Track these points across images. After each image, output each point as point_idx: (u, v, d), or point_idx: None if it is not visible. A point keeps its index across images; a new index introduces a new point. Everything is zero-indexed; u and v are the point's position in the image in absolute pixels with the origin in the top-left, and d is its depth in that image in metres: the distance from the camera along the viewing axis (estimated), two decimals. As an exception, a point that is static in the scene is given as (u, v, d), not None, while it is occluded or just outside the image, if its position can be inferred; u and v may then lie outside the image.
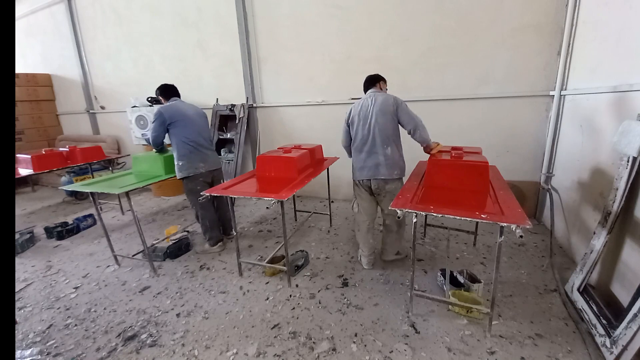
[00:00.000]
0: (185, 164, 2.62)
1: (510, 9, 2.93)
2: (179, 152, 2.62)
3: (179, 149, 2.61)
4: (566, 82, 2.79)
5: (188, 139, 2.61)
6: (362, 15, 3.51)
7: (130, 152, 4.96)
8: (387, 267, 2.51)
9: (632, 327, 1.40)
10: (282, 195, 2.00)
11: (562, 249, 2.66)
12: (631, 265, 1.72)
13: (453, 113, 3.38)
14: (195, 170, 2.64)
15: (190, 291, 2.31)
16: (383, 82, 2.47)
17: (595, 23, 2.40)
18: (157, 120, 2.56)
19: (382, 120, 2.21)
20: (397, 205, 1.69)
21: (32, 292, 2.39)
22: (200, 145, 2.68)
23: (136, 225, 2.45)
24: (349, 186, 4.11)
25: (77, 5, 5.27)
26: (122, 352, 1.76)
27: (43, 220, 3.89)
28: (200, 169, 2.67)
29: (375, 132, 2.23)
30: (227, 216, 3.01)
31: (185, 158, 2.61)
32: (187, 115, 2.64)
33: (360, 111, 2.31)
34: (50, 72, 6.09)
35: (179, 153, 2.62)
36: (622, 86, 1.95)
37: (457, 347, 1.69)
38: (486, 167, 1.96)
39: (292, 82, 4.07)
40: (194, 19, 4.40)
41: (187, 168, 2.62)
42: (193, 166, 2.64)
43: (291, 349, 1.73)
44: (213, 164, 2.79)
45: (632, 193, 1.71)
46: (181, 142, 2.60)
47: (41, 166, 3.46)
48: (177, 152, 2.63)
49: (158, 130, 2.60)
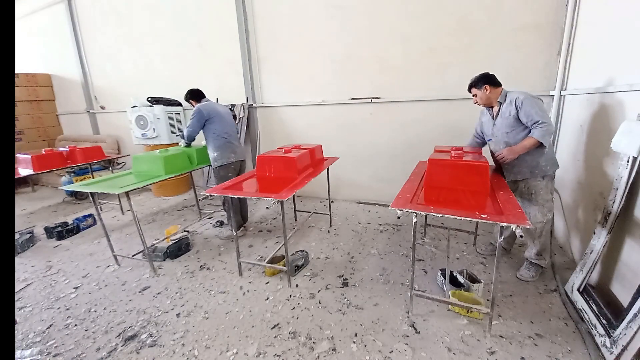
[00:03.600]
0: (220, 154, 2.96)
1: (510, 9, 2.93)
2: (215, 144, 2.96)
3: (214, 142, 2.96)
4: (566, 82, 2.79)
5: (222, 133, 2.97)
6: (362, 15, 3.51)
7: (130, 152, 4.96)
8: (387, 267, 2.51)
9: (632, 327, 1.40)
10: (282, 195, 2.00)
11: (562, 249, 2.66)
12: (631, 265, 1.72)
13: (453, 113, 3.38)
14: (228, 160, 2.98)
15: (190, 291, 2.31)
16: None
17: (595, 23, 2.40)
18: (196, 116, 2.88)
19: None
20: (398, 205, 1.69)
21: (32, 292, 2.39)
22: (232, 138, 3.05)
23: (136, 225, 2.45)
24: (349, 186, 4.14)
25: (77, 5, 5.27)
26: (122, 352, 1.76)
27: (43, 220, 3.89)
28: (232, 159, 3.01)
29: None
30: (246, 206, 3.38)
31: (220, 149, 2.96)
32: (220, 113, 2.99)
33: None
34: (50, 72, 6.09)
35: (215, 145, 2.96)
36: (622, 86, 1.95)
37: (457, 347, 1.69)
38: (486, 167, 1.96)
39: (292, 82, 4.07)
40: (194, 19, 4.40)
41: (221, 158, 2.96)
42: (226, 156, 2.98)
43: (291, 349, 1.73)
44: (241, 155, 3.14)
45: (632, 193, 1.71)
46: (217, 136, 2.94)
47: (41, 166, 3.46)
48: (213, 144, 2.97)
49: (195, 125, 2.92)
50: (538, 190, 2.15)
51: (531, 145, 2.01)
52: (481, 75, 2.22)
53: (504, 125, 2.16)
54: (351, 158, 3.92)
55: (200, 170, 4.42)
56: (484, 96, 2.21)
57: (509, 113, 2.11)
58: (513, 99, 2.08)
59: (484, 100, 2.23)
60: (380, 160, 3.87)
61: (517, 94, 2.08)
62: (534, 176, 2.14)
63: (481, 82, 2.20)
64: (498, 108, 2.22)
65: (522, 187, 2.24)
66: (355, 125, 3.89)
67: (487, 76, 2.20)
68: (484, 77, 2.20)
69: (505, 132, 2.17)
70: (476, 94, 2.24)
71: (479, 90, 2.21)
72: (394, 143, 3.74)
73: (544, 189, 2.15)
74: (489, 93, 2.19)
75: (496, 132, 2.25)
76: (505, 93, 2.18)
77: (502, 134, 2.19)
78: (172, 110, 4.58)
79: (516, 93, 2.09)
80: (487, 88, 2.18)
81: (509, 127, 2.13)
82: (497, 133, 2.23)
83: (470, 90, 2.29)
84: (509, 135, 2.15)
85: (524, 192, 2.22)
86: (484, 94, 2.20)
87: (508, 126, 2.14)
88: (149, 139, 4.52)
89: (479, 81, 2.20)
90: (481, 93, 2.21)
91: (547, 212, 2.16)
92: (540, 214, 2.15)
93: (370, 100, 3.71)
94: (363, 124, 3.83)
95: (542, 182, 2.14)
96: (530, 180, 2.16)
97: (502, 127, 2.18)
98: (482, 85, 2.19)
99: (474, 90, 2.26)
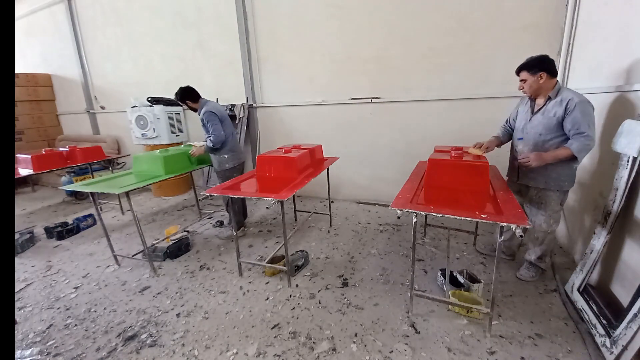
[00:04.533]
0: (231, 156, 2.97)
1: (510, 9, 2.94)
2: (226, 146, 2.94)
3: (225, 144, 2.92)
4: (566, 82, 2.79)
5: (231, 135, 2.97)
6: (362, 15, 3.51)
7: (130, 152, 4.96)
8: (387, 267, 2.51)
9: (632, 327, 1.40)
10: (282, 195, 2.00)
11: (562, 249, 2.66)
12: (631, 265, 1.72)
13: (453, 113, 3.38)
14: (238, 161, 3.04)
15: (190, 291, 2.31)
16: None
17: (595, 23, 2.40)
18: (214, 119, 2.81)
19: None
20: (397, 205, 1.69)
21: (32, 292, 2.39)
22: (236, 139, 3.10)
23: (136, 225, 2.45)
24: (349, 186, 4.14)
25: (77, 5, 5.27)
26: (122, 352, 1.76)
27: (43, 220, 3.89)
28: (241, 159, 3.10)
29: None
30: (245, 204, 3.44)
31: (231, 151, 2.97)
32: (225, 114, 2.96)
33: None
34: (50, 72, 6.09)
35: (226, 148, 2.94)
36: (622, 86, 1.95)
37: (457, 347, 1.69)
38: (486, 167, 1.96)
39: (292, 82, 4.07)
40: (194, 19, 4.40)
41: (232, 159, 2.98)
42: (237, 157, 3.03)
43: (291, 349, 1.73)
44: (244, 156, 3.21)
45: (632, 193, 1.71)
46: (227, 138, 2.92)
47: (41, 166, 3.46)
48: (224, 146, 2.93)
49: (219, 127, 2.83)
50: (549, 201, 2.00)
51: (564, 156, 1.76)
52: (540, 57, 1.84)
53: (541, 125, 1.89)
54: (351, 158, 3.92)
55: (200, 170, 4.43)
56: (535, 85, 1.85)
57: (554, 114, 1.82)
58: (566, 98, 1.78)
59: (533, 89, 1.88)
60: (380, 160, 3.87)
61: (572, 94, 1.78)
62: (548, 187, 1.97)
63: (537, 67, 1.82)
64: (543, 103, 1.90)
65: (532, 194, 2.10)
66: (355, 125, 3.89)
67: (546, 60, 1.82)
68: (543, 60, 1.82)
69: (539, 133, 1.91)
70: (526, 79, 1.87)
71: (532, 76, 1.84)
72: (394, 143, 3.74)
73: (555, 201, 1.99)
74: (542, 82, 1.84)
75: (529, 130, 1.97)
76: (559, 88, 1.86)
77: (535, 134, 1.93)
78: (172, 110, 4.58)
79: (571, 93, 1.79)
80: (543, 76, 1.82)
81: (547, 129, 1.86)
82: (530, 131, 1.96)
83: (519, 73, 1.91)
84: (541, 137, 1.89)
85: (534, 199, 2.08)
86: (536, 81, 1.84)
87: (546, 128, 1.87)
88: (149, 139, 4.52)
89: (536, 65, 1.83)
90: (533, 80, 1.85)
91: (553, 223, 2.04)
92: (546, 224, 2.04)
93: (370, 100, 3.71)
94: (363, 124, 3.83)
95: (555, 194, 1.98)
96: (543, 190, 2.01)
97: (538, 125, 1.91)
98: (537, 71, 1.82)
99: (524, 74, 1.88)
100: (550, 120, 1.85)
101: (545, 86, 1.87)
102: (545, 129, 1.89)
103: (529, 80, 1.88)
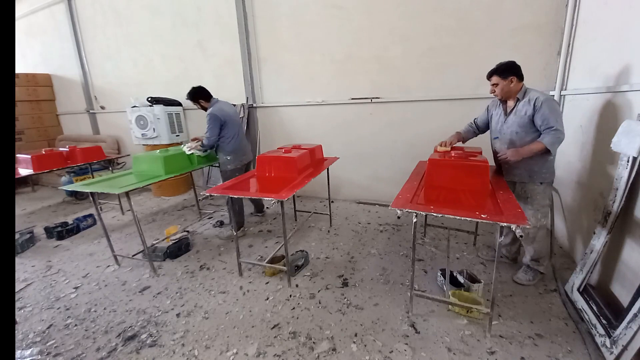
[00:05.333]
0: (233, 158, 3.01)
1: (510, 9, 2.93)
2: (228, 149, 2.98)
3: (227, 146, 2.98)
4: (566, 82, 2.79)
5: (235, 136, 2.99)
6: (362, 15, 3.51)
7: (130, 152, 4.96)
8: (387, 267, 2.51)
9: (632, 327, 1.40)
10: (282, 195, 2.00)
11: (562, 249, 2.66)
12: (631, 265, 1.72)
13: (453, 113, 3.38)
14: (240, 163, 3.07)
15: (190, 291, 2.31)
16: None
17: (595, 23, 2.40)
18: (214, 123, 2.85)
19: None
20: (398, 205, 1.69)
21: (32, 292, 2.39)
22: (242, 138, 3.11)
23: (136, 225, 2.45)
24: (349, 186, 4.14)
25: (77, 5, 5.27)
26: (122, 352, 1.76)
27: (43, 220, 3.89)
28: (244, 161, 3.13)
29: None
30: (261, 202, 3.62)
31: (232, 153, 3.00)
32: (230, 115, 2.98)
33: None
34: (50, 72, 6.08)
35: (228, 149, 2.98)
36: (622, 86, 1.95)
37: (457, 347, 1.69)
38: (486, 167, 1.96)
39: (292, 82, 4.07)
40: (194, 19, 4.40)
41: (233, 161, 3.02)
42: (239, 159, 3.06)
43: (291, 349, 1.73)
44: (250, 155, 3.24)
45: (632, 193, 1.71)
46: (230, 140, 2.97)
47: (41, 166, 3.46)
48: (225, 149, 2.98)
49: (215, 132, 2.89)
50: (534, 195, 2.08)
51: (538, 150, 1.89)
52: (509, 63, 1.98)
53: (515, 124, 2.03)
54: (351, 158, 3.92)
55: (200, 170, 4.44)
56: (506, 88, 2.00)
57: (525, 112, 1.96)
58: (533, 98, 1.93)
59: (504, 92, 2.02)
60: (380, 160, 3.87)
61: (538, 93, 1.94)
62: (532, 181, 2.07)
63: (508, 72, 1.97)
64: (514, 104, 2.05)
65: (518, 190, 2.16)
66: (355, 125, 3.89)
67: (515, 66, 1.97)
68: (513, 66, 1.97)
69: (514, 132, 2.04)
70: (497, 83, 2.01)
71: (503, 80, 1.98)
72: (394, 143, 3.74)
73: (541, 194, 2.08)
74: (512, 85, 1.99)
75: (505, 130, 2.10)
76: (525, 90, 2.01)
77: (511, 132, 2.05)
78: (172, 110, 4.59)
79: (537, 92, 1.95)
80: (513, 80, 1.97)
81: (521, 127, 2.00)
82: (506, 131, 2.09)
83: (490, 77, 2.05)
84: (518, 135, 2.03)
85: (520, 195, 2.14)
86: (507, 85, 1.99)
87: (520, 126, 2.00)
88: (149, 139, 4.52)
89: (507, 70, 1.97)
90: (504, 84, 1.99)
91: (541, 217, 2.09)
92: (534, 219, 2.07)
93: (370, 100, 3.71)
94: (363, 124, 3.83)
95: (539, 187, 2.07)
96: (527, 184, 2.09)
97: (513, 125, 2.04)
98: (508, 75, 1.97)
99: (496, 78, 2.02)
100: (523, 119, 1.99)
101: (514, 89, 2.02)
102: (520, 127, 2.02)
103: (500, 83, 2.02)
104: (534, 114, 1.93)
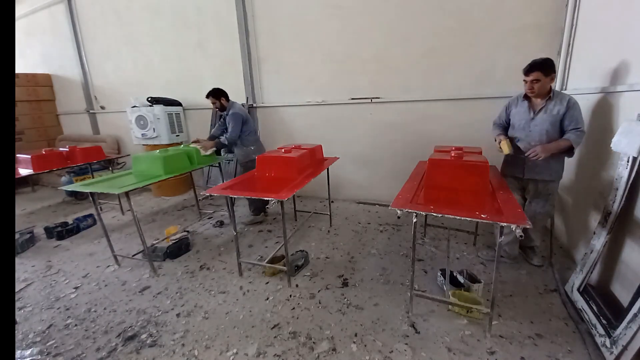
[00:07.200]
0: (257, 148, 3.36)
1: (511, 9, 2.94)
2: (251, 139, 3.32)
3: (250, 138, 3.31)
4: (566, 82, 2.79)
5: (254, 130, 3.39)
6: (362, 15, 3.51)
7: (130, 152, 4.96)
8: (387, 267, 2.51)
9: (632, 327, 1.40)
10: (282, 195, 2.00)
11: (562, 249, 2.66)
12: (631, 265, 1.72)
13: (453, 113, 3.38)
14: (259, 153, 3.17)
15: (190, 291, 2.31)
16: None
17: (595, 23, 2.40)
18: (237, 120, 3.16)
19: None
20: (397, 205, 1.69)
21: (32, 292, 2.39)
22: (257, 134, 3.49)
23: (136, 225, 2.45)
24: (349, 186, 4.14)
25: (77, 5, 5.26)
26: (122, 352, 1.76)
27: (43, 220, 3.89)
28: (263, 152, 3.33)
29: None
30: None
31: (256, 143, 3.38)
32: (247, 113, 3.35)
33: None
34: (50, 72, 6.08)
35: (251, 140, 3.32)
36: (621, 86, 1.95)
37: (457, 347, 1.69)
38: (486, 167, 1.96)
39: (292, 82, 4.07)
40: (194, 19, 4.40)
41: (258, 151, 3.29)
42: (262, 149, 3.40)
43: (291, 349, 1.73)
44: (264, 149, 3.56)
45: (632, 193, 1.71)
46: (251, 133, 3.32)
47: (41, 166, 3.46)
48: (248, 140, 3.30)
49: (238, 129, 3.18)
50: (553, 191, 2.23)
51: (565, 147, 1.94)
52: (549, 60, 1.96)
53: (547, 123, 2.05)
54: (351, 158, 3.92)
55: (200, 170, 4.44)
56: (547, 85, 2.00)
57: (557, 111, 1.99)
58: (565, 97, 1.99)
59: (543, 89, 2.01)
60: (380, 160, 3.87)
61: (566, 94, 2.01)
62: (552, 179, 2.16)
63: (551, 69, 1.96)
64: (544, 103, 2.07)
65: (540, 188, 2.21)
66: (355, 125, 3.89)
67: (554, 64, 1.98)
68: (553, 63, 1.97)
69: (545, 130, 2.06)
70: (539, 79, 1.97)
71: (546, 77, 1.96)
72: (394, 143, 3.74)
73: (556, 189, 2.25)
74: (551, 83, 2.02)
75: (534, 128, 2.11)
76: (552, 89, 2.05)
77: (542, 130, 2.07)
78: (172, 110, 4.58)
79: (563, 93, 2.04)
80: (554, 77, 2.01)
81: (552, 125, 2.03)
82: (535, 129, 2.10)
83: (531, 73, 1.99)
84: (548, 133, 2.06)
85: (542, 192, 2.22)
86: (548, 82, 1.99)
87: (552, 124, 2.03)
88: (149, 139, 4.52)
89: (551, 67, 1.96)
90: (547, 80, 1.98)
91: (553, 208, 2.33)
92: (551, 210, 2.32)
93: (370, 100, 3.71)
94: (363, 124, 3.83)
95: (556, 184, 2.22)
96: (549, 182, 2.18)
97: (544, 123, 2.06)
98: (551, 72, 1.97)
99: (537, 74, 1.96)
100: (555, 118, 2.04)
101: (549, 87, 2.05)
102: (552, 126, 2.06)
103: (542, 80, 1.99)
104: (565, 113, 1.97)
